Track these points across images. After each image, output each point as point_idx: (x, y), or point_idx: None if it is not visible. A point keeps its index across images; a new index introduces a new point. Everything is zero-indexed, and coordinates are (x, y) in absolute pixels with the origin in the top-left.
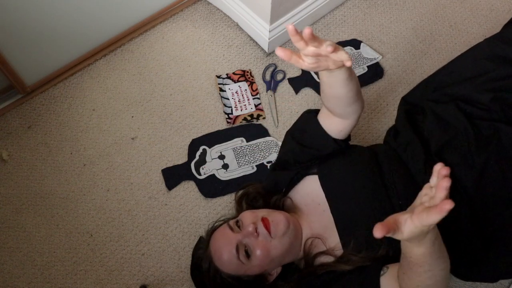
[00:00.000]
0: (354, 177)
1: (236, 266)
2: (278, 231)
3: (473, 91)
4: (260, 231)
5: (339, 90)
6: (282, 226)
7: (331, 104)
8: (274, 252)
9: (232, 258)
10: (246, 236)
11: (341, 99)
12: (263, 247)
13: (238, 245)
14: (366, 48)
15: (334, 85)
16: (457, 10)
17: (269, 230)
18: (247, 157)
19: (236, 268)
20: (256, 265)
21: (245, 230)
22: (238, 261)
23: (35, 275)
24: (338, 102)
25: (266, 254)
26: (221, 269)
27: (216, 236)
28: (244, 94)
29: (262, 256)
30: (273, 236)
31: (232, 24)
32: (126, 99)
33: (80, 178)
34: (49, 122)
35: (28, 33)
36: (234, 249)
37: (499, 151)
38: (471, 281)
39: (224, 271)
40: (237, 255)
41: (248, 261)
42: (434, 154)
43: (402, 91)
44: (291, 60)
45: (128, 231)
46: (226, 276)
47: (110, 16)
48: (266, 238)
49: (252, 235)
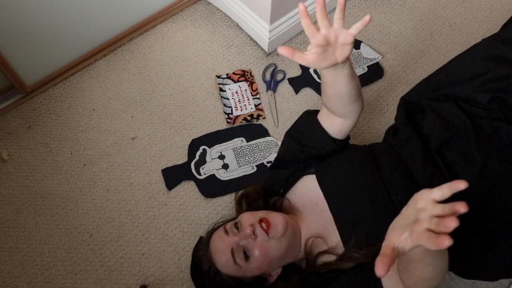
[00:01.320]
0: (352, 175)
1: (234, 269)
2: (276, 233)
3: (471, 91)
4: (258, 232)
5: (343, 88)
6: (280, 228)
7: (333, 104)
8: (272, 253)
9: (229, 262)
10: (244, 238)
11: (343, 98)
12: (261, 248)
13: (234, 249)
14: (366, 48)
15: (338, 83)
16: (457, 10)
17: (267, 231)
18: (247, 157)
19: (234, 271)
20: (255, 267)
21: (243, 232)
22: (235, 265)
23: (35, 275)
24: (341, 101)
25: (264, 255)
26: (221, 270)
27: (214, 239)
28: (244, 94)
29: (260, 257)
30: (271, 237)
31: (232, 24)
32: (126, 99)
33: (80, 178)
34: (49, 122)
35: (28, 33)
36: (229, 254)
37: (500, 149)
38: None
39: (224, 273)
40: (233, 260)
41: (247, 264)
42: (434, 150)
43: (402, 91)
44: (294, 56)
45: (128, 231)
46: (226, 277)
47: (110, 16)
48: (264, 239)
49: (250, 237)
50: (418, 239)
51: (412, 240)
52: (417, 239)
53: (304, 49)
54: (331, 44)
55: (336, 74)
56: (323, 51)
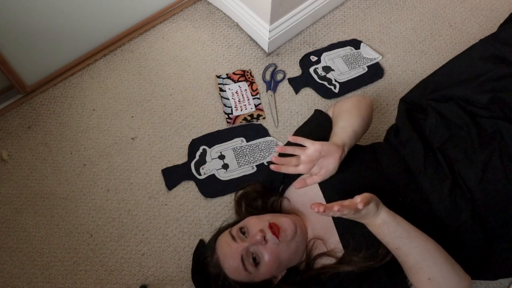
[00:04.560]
0: (352, 175)
1: (244, 275)
2: (286, 236)
3: (471, 92)
4: (269, 237)
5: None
6: (290, 231)
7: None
8: (282, 256)
9: (238, 269)
10: (254, 244)
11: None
12: (272, 253)
13: (243, 255)
14: (366, 48)
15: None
16: (457, 10)
17: (277, 235)
18: (247, 157)
19: (244, 277)
20: (265, 272)
21: (253, 239)
22: (245, 272)
23: (35, 275)
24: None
25: (275, 260)
26: (229, 276)
27: (221, 244)
28: (244, 94)
29: (271, 262)
30: (281, 241)
31: (232, 24)
32: (126, 99)
33: (80, 178)
34: (49, 122)
35: (28, 33)
36: (239, 261)
37: (502, 148)
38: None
39: (232, 279)
40: (243, 267)
41: (256, 269)
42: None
43: (402, 91)
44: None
45: (128, 231)
46: (234, 283)
47: (110, 16)
48: (275, 243)
49: (260, 243)
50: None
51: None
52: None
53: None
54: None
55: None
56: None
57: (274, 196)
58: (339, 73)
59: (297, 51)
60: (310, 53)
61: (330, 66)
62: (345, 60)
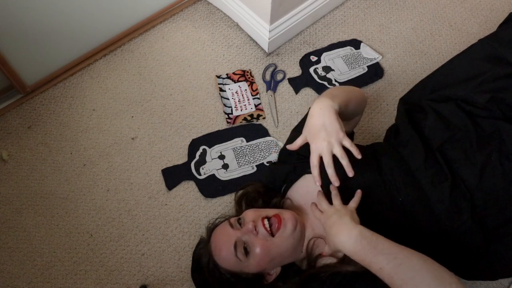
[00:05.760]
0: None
1: (234, 263)
2: (286, 230)
3: (470, 92)
4: (259, 230)
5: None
6: (290, 226)
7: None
8: (274, 251)
9: (229, 255)
10: (246, 233)
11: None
12: (263, 246)
13: (237, 242)
14: (366, 48)
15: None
16: (457, 10)
17: (278, 225)
18: (247, 157)
19: (233, 265)
20: (255, 263)
21: (245, 228)
22: (235, 258)
23: (35, 275)
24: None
25: (265, 253)
26: (219, 264)
27: (217, 232)
28: (244, 94)
29: (261, 255)
30: (278, 235)
31: (232, 24)
32: (126, 99)
33: (80, 178)
34: (49, 122)
35: (28, 33)
36: (232, 246)
37: (501, 148)
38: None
39: (222, 267)
40: (234, 252)
41: (246, 259)
42: (436, 150)
43: (402, 91)
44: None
45: (128, 231)
46: (224, 271)
47: (110, 16)
48: (266, 237)
49: (251, 233)
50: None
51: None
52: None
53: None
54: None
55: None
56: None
57: (276, 197)
58: (339, 73)
59: (297, 51)
60: (310, 53)
61: (330, 66)
62: (345, 60)
